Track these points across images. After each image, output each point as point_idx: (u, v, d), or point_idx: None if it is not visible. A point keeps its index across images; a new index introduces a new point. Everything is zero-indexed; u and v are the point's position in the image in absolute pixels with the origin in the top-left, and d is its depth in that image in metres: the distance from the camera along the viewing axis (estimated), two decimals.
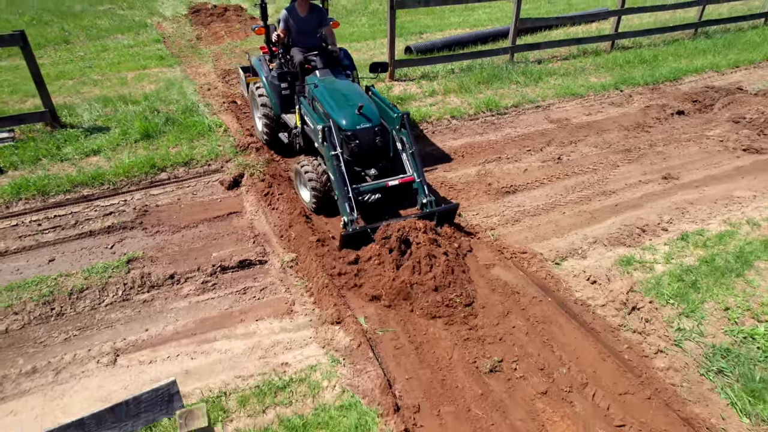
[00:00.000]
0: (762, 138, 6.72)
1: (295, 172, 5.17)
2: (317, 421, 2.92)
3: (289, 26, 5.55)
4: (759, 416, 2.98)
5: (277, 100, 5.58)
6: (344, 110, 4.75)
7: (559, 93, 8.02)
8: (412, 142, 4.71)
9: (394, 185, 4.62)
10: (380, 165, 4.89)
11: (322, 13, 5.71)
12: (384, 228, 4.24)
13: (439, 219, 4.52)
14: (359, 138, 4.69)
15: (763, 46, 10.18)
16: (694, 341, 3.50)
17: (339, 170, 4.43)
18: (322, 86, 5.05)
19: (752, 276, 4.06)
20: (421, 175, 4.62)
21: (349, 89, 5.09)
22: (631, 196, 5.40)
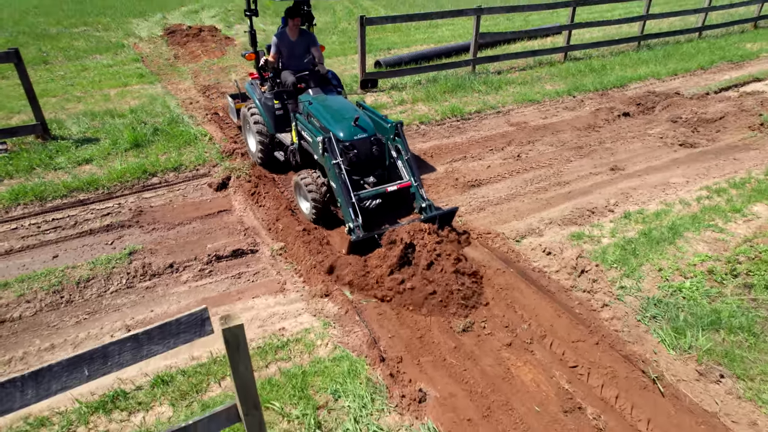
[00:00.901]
0: (695, 135, 7.54)
1: (294, 184, 5.32)
2: (314, 371, 3.37)
3: (281, 50, 5.83)
4: (682, 347, 3.58)
5: (271, 121, 5.81)
6: (341, 123, 5.02)
7: (518, 99, 8.74)
8: (408, 150, 4.98)
9: (393, 190, 4.84)
10: (377, 173, 5.11)
11: (311, 36, 5.97)
12: (389, 233, 4.37)
13: (440, 221, 4.67)
14: (357, 148, 4.94)
15: (697, 57, 11.22)
16: (633, 296, 4.10)
17: (341, 178, 4.63)
18: (317, 103, 5.34)
19: (681, 243, 4.72)
20: (417, 180, 4.87)
21: (343, 104, 5.42)
22: (583, 186, 6.06)
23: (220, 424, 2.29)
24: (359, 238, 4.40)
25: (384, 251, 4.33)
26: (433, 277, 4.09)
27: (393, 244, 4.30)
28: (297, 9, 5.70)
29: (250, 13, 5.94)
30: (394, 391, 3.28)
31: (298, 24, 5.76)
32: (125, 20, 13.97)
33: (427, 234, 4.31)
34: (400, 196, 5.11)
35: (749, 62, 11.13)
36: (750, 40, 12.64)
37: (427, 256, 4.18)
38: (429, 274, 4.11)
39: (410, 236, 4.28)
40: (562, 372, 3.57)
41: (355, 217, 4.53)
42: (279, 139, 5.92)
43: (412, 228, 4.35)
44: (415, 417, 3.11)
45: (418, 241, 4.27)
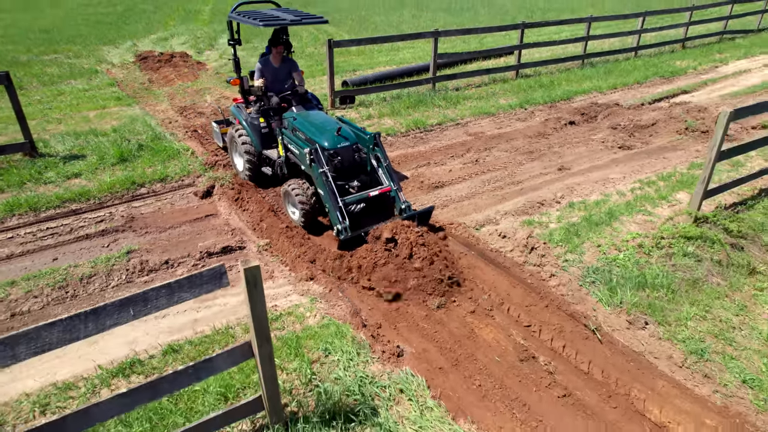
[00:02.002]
0: (632, 139, 8.47)
1: (284, 193, 5.64)
2: (306, 335, 3.90)
3: (265, 75, 6.32)
4: (615, 304, 4.28)
5: (257, 139, 6.21)
6: (325, 134, 5.42)
7: (475, 113, 9.56)
8: (387, 158, 5.42)
9: (375, 195, 5.26)
10: (361, 178, 5.49)
11: (292, 62, 6.50)
12: (374, 230, 4.85)
13: (419, 220, 5.18)
14: (341, 155, 5.36)
15: (634, 73, 12.40)
16: (575, 267, 4.80)
17: (328, 185, 5.02)
18: (301, 118, 5.78)
19: (617, 225, 5.48)
20: (397, 185, 5.31)
21: (325, 117, 5.87)
22: (534, 183, 6.81)
23: (236, 359, 2.80)
24: (348, 237, 4.84)
25: (370, 246, 4.80)
26: (414, 267, 4.56)
27: (378, 239, 4.77)
28: (278, 38, 6.21)
29: (233, 42, 6.39)
30: (376, 347, 3.84)
31: (280, 51, 6.28)
32: (96, 48, 14.31)
33: (408, 229, 4.78)
34: (381, 201, 5.53)
35: (678, 77, 12.37)
36: (679, 59, 13.99)
37: (408, 248, 4.63)
38: (410, 264, 4.56)
39: (392, 232, 4.75)
40: (518, 331, 4.20)
41: (342, 220, 4.93)
42: (266, 155, 6.29)
43: (394, 225, 4.82)
44: (395, 366, 3.67)
45: (400, 235, 4.73)
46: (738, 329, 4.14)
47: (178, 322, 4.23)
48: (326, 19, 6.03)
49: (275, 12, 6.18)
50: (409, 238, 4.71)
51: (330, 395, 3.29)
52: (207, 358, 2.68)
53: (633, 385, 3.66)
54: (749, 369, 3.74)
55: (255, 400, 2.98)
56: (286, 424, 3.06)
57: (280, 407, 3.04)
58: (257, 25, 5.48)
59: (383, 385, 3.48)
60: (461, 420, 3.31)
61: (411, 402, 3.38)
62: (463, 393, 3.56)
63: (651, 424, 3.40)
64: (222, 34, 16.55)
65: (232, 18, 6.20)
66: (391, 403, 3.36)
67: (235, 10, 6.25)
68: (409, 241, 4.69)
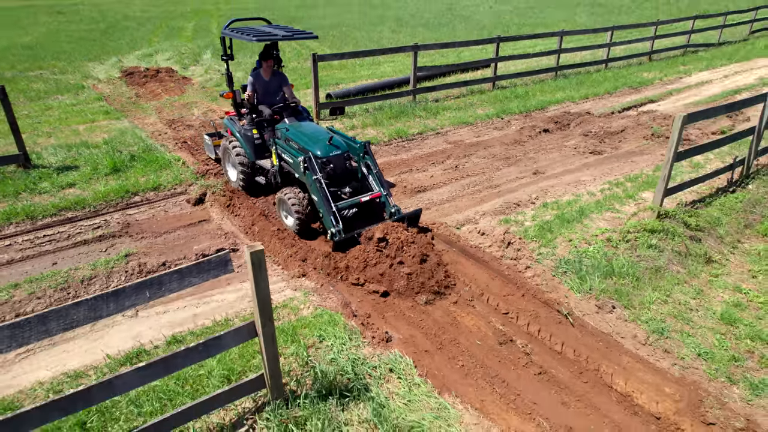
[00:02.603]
0: (602, 144, 8.98)
1: (278, 200, 5.84)
2: (301, 324, 4.19)
3: (256, 88, 6.56)
4: (585, 291, 4.66)
5: (251, 149, 6.43)
6: (317, 143, 5.68)
7: (454, 122, 10.00)
8: (376, 165, 5.70)
9: (366, 200, 5.52)
10: (352, 184, 5.73)
11: (282, 76, 6.74)
12: (366, 231, 5.10)
13: (409, 222, 5.46)
14: (333, 163, 5.60)
15: (604, 84, 13.03)
16: (549, 259, 5.18)
17: (322, 191, 5.26)
18: (293, 128, 6.02)
19: (587, 222, 5.90)
20: (386, 191, 5.59)
21: (316, 128, 6.13)
22: (510, 186, 7.22)
23: (242, 337, 3.08)
24: (342, 239, 5.10)
25: (363, 246, 5.05)
26: (404, 262, 4.80)
27: (370, 240, 5.03)
28: (269, 52, 6.50)
29: (226, 57, 6.67)
30: (366, 333, 4.15)
31: (270, 65, 6.53)
32: (81, 64, 14.48)
33: (398, 230, 5.06)
34: (371, 206, 5.80)
35: (646, 87, 13.03)
36: (646, 70, 14.71)
37: (399, 247, 4.90)
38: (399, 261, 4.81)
39: (383, 232, 5.01)
40: (497, 318, 4.54)
41: (336, 223, 5.19)
42: (259, 165, 6.50)
43: (385, 226, 5.08)
44: (384, 349, 3.98)
45: (391, 235, 4.98)
46: (695, 310, 4.54)
47: (179, 317, 4.48)
48: (316, 34, 6.39)
49: (267, 28, 6.50)
50: (400, 238, 4.98)
51: (326, 375, 3.58)
52: (216, 336, 2.96)
53: (601, 362, 4.02)
54: (704, 344, 4.13)
55: (257, 378, 3.26)
56: (286, 400, 3.34)
57: (281, 384, 3.32)
58: (251, 40, 5.79)
59: (374, 365, 3.78)
60: (446, 395, 3.62)
61: (400, 380, 3.69)
62: (448, 372, 3.88)
63: (617, 395, 3.75)
64: (206, 50, 16.85)
65: (225, 34, 6.48)
66: (382, 380, 3.66)
67: (228, 26, 6.53)
68: (399, 240, 4.96)
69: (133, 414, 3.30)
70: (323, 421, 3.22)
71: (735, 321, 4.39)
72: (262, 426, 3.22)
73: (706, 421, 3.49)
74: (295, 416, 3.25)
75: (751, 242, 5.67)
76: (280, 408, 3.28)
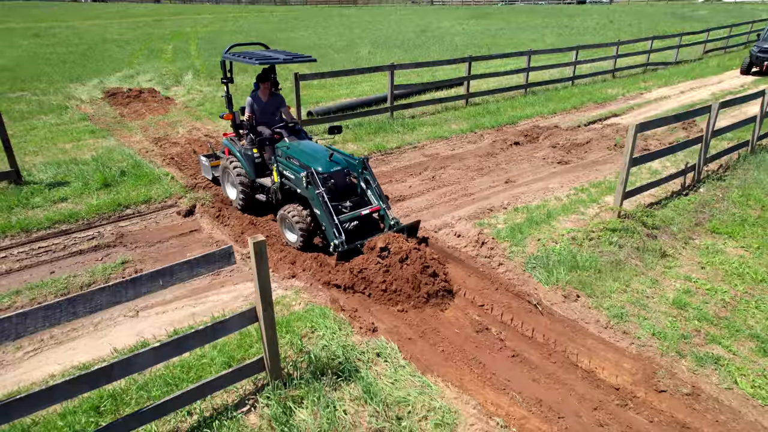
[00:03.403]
0: (569, 155, 9.58)
1: (280, 218, 6.01)
2: (294, 318, 4.53)
3: (254, 110, 6.70)
4: (552, 282, 5.12)
5: (251, 168, 6.59)
6: (318, 160, 5.87)
7: (430, 137, 10.52)
8: (375, 180, 5.86)
9: (366, 213, 5.72)
10: (352, 199, 5.91)
11: (279, 97, 6.92)
12: (369, 242, 5.29)
13: (408, 232, 5.66)
14: (334, 178, 5.80)
15: (571, 99, 13.79)
16: (519, 256, 5.64)
17: (324, 204, 5.43)
18: (294, 146, 6.20)
19: (554, 223, 6.40)
20: (386, 204, 5.78)
21: (316, 146, 6.33)
22: (484, 194, 7.71)
23: (245, 322, 3.43)
24: (345, 249, 5.29)
25: (366, 256, 5.22)
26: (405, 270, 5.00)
27: (372, 250, 5.23)
28: (267, 75, 6.67)
29: (226, 80, 6.90)
30: (354, 324, 4.52)
31: (268, 87, 6.70)
32: (62, 85, 14.65)
33: (399, 240, 5.27)
34: (370, 219, 6.04)
35: (610, 102, 13.84)
36: (610, 87, 15.58)
37: (401, 254, 5.09)
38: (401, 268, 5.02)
39: (385, 242, 5.22)
40: (474, 310, 4.96)
41: (339, 235, 5.38)
42: (260, 183, 6.65)
43: (386, 237, 5.28)
44: (371, 337, 4.35)
45: (392, 245, 5.18)
46: (650, 298, 5.03)
47: (178, 316, 4.77)
48: (314, 58, 6.75)
49: (267, 52, 6.82)
50: (402, 247, 5.17)
51: (319, 359, 3.93)
52: (222, 320, 3.31)
53: (568, 345, 4.46)
54: (657, 326, 4.61)
55: (258, 361, 3.60)
56: (284, 381, 3.67)
57: (279, 366, 3.66)
58: (253, 63, 6.04)
59: (362, 351, 4.15)
60: (429, 375, 4.00)
61: (386, 362, 4.06)
62: (429, 356, 4.26)
63: (582, 372, 4.18)
64: (187, 71, 17.19)
65: (226, 58, 6.74)
66: (370, 363, 4.03)
67: (229, 51, 6.80)
68: (402, 248, 5.15)
69: (143, 398, 3.59)
70: (318, 398, 3.57)
71: (685, 305, 4.89)
72: (263, 404, 3.54)
73: (658, 389, 3.94)
74: (292, 395, 3.59)
75: (700, 238, 6.23)
76: (279, 388, 3.61)
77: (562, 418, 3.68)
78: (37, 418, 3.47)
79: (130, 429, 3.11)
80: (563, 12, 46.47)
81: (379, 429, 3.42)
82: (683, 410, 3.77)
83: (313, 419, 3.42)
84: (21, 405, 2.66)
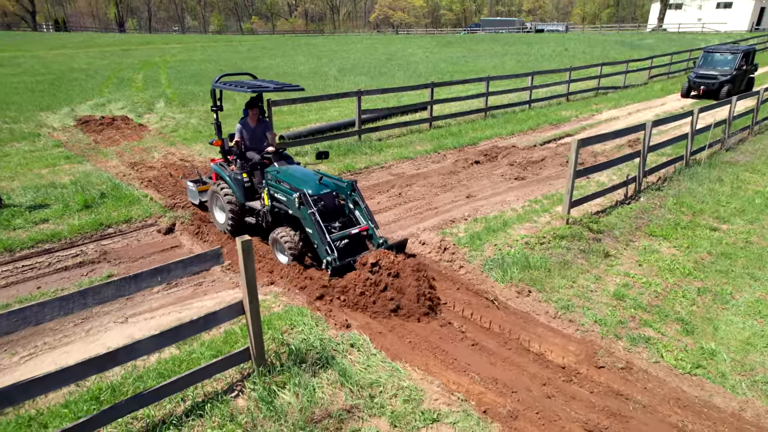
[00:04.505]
0: (525, 172, 10.35)
1: (273, 240, 6.30)
2: (274, 317, 4.96)
3: (243, 136, 7.01)
4: (507, 280, 5.71)
5: (241, 192, 6.80)
6: (308, 182, 6.13)
7: (396, 157, 11.17)
8: (363, 200, 6.17)
9: (355, 233, 5.98)
10: (341, 219, 6.17)
11: (266, 123, 7.29)
12: (361, 258, 5.54)
13: (397, 249, 5.95)
14: (324, 200, 6.04)
15: (528, 121, 14.74)
16: (478, 259, 6.23)
17: (317, 223, 5.66)
18: (284, 171, 6.44)
19: (510, 231, 7.04)
20: (373, 223, 6.07)
21: (305, 170, 6.63)
22: (446, 208, 8.33)
23: (233, 314, 3.86)
24: (338, 266, 5.56)
25: (358, 271, 5.48)
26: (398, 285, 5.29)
27: (364, 266, 5.47)
28: (255, 102, 6.99)
29: (215, 108, 7.23)
30: (329, 321, 4.98)
31: (256, 113, 7.02)
32: (32, 113, 14.78)
33: (389, 256, 5.51)
34: (359, 239, 6.24)
35: (564, 124, 14.85)
36: (564, 109, 16.68)
37: (392, 270, 5.36)
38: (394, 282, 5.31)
39: (376, 258, 5.46)
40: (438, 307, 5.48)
41: (331, 252, 5.61)
42: (249, 206, 6.87)
43: (377, 253, 5.52)
44: (345, 331, 4.82)
45: (383, 261, 5.43)
46: (594, 291, 5.67)
47: (165, 321, 5.13)
48: (302, 87, 7.20)
49: (256, 81, 7.17)
50: (392, 262, 5.44)
51: (299, 350, 4.37)
52: (213, 312, 3.74)
53: (521, 333, 5.02)
54: (599, 314, 5.23)
55: (244, 351, 4.02)
56: (268, 369, 4.09)
57: (263, 354, 4.09)
58: (246, 91, 6.41)
59: (338, 342, 4.61)
60: (397, 361, 4.48)
61: (359, 352, 4.53)
62: (398, 346, 4.75)
63: (534, 355, 4.74)
64: (158, 99, 17.53)
65: (217, 87, 7.07)
66: (345, 353, 4.49)
67: (219, 80, 7.12)
68: (393, 263, 5.41)
69: (139, 388, 3.95)
70: (299, 382, 4.01)
71: (623, 297, 5.54)
72: (249, 388, 3.96)
73: (597, 366, 4.53)
74: (276, 380, 4.01)
75: (639, 240, 6.96)
76: (264, 375, 4.03)
77: (515, 393, 4.21)
78: (43, 408, 3.79)
79: (132, 410, 3.49)
80: (522, 40, 48.74)
81: (354, 405, 3.88)
82: (618, 381, 4.36)
83: (296, 399, 3.86)
84: (39, 384, 3.03)
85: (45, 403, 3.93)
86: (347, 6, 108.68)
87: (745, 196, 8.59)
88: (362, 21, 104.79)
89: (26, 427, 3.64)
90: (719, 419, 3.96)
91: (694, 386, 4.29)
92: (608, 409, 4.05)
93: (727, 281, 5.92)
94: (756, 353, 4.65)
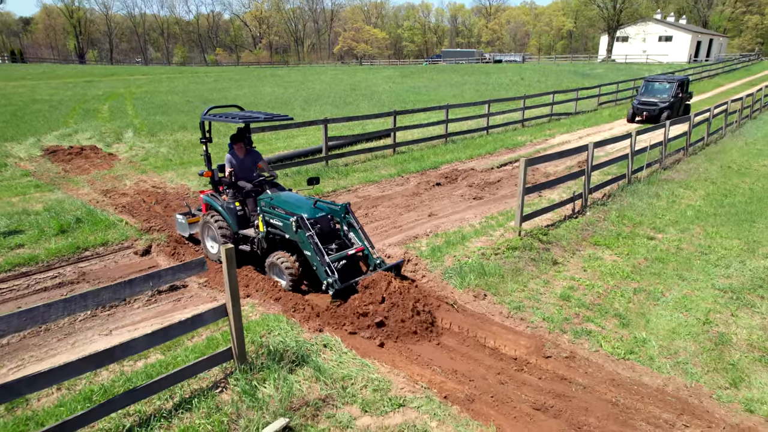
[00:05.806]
0: (483, 192, 11.08)
1: (270, 264, 6.45)
2: (253, 324, 5.35)
3: (233, 166, 7.13)
4: (465, 286, 6.29)
5: (234, 221, 6.92)
6: (303, 207, 6.29)
7: (362, 181, 11.75)
8: (358, 222, 6.39)
9: (352, 254, 6.17)
10: (337, 242, 6.38)
11: (255, 153, 7.41)
12: (363, 280, 5.72)
13: (394, 271, 6.16)
14: (319, 223, 6.23)
15: (486, 146, 15.66)
16: (438, 269, 6.79)
17: (315, 246, 5.83)
18: (277, 197, 6.61)
19: (468, 243, 7.66)
20: (369, 244, 6.31)
21: (298, 195, 6.81)
22: (410, 226, 8.91)
23: (217, 316, 4.28)
24: (341, 287, 5.68)
25: (360, 294, 5.64)
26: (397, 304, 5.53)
27: (366, 288, 5.67)
28: (241, 135, 7.16)
29: (205, 140, 7.39)
30: (304, 326, 5.41)
31: (242, 147, 7.15)
32: None
33: (389, 278, 5.77)
34: (353, 260, 6.43)
35: (519, 147, 15.82)
36: (520, 135, 17.75)
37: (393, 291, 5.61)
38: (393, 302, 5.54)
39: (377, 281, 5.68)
40: None
41: (331, 273, 5.76)
42: (242, 234, 6.99)
43: (378, 275, 5.77)
44: (318, 334, 5.26)
45: (383, 284, 5.65)
46: (543, 294, 6.29)
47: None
48: (292, 117, 7.56)
49: (246, 112, 7.35)
50: (391, 283, 5.69)
51: (277, 350, 4.78)
52: (199, 313, 4.15)
53: (478, 332, 5.56)
54: (547, 313, 5.84)
55: (227, 350, 4.42)
56: (249, 367, 4.49)
57: (245, 353, 4.49)
58: (236, 122, 6.66)
59: (312, 343, 5.05)
60: (367, 358, 4.94)
61: (332, 351, 4.97)
62: (367, 346, 5.21)
63: (489, 350, 5.28)
64: (127, 129, 17.72)
65: (206, 119, 7.16)
66: (319, 353, 4.92)
67: (208, 112, 7.31)
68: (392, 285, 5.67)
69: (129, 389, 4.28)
70: (278, 377, 4.42)
71: (569, 297, 6.18)
72: (233, 383, 4.34)
73: (545, 356, 5.10)
74: (257, 377, 4.41)
75: (584, 249, 7.68)
76: (245, 372, 4.43)
77: (472, 381, 4.73)
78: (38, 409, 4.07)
79: (125, 405, 3.83)
80: (481, 70, 50.89)
81: (328, 395, 4.31)
82: (563, 368, 4.94)
83: (276, 391, 4.26)
84: (43, 378, 3.37)
85: (39, 405, 4.21)
86: (311, 38, 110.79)
87: (678, 209, 9.51)
88: (326, 52, 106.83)
89: (23, 425, 3.92)
90: (646, 394, 4.57)
91: (627, 369, 4.91)
92: (554, 392, 4.61)
93: (660, 281, 6.65)
94: (680, 340, 5.33)
